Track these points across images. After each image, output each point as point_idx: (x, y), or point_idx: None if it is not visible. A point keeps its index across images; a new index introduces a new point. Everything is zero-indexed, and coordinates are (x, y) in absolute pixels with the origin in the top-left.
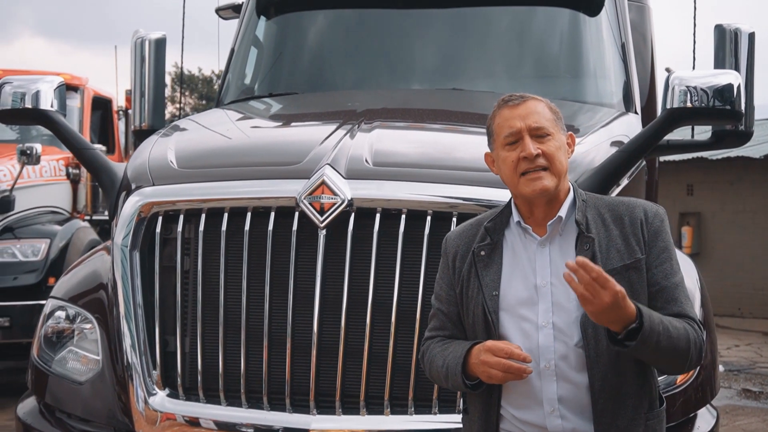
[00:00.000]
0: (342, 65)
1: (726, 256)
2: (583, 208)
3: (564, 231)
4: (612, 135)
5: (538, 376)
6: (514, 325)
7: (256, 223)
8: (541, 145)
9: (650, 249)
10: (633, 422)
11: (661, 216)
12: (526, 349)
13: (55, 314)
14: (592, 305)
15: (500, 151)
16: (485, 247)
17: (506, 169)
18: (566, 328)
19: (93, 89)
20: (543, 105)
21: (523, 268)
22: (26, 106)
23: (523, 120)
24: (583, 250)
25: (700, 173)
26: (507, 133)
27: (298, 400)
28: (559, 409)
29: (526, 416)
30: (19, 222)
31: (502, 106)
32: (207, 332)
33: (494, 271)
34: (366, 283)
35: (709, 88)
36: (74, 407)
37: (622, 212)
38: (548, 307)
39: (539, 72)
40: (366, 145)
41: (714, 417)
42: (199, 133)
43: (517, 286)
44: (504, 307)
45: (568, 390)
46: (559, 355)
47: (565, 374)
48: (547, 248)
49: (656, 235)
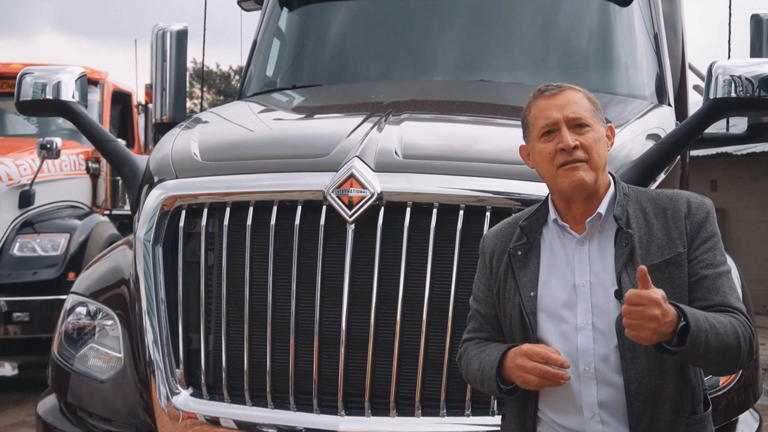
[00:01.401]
0: (366, 56)
1: (751, 253)
2: (623, 202)
3: (604, 228)
4: (647, 127)
5: (577, 379)
6: (552, 327)
7: (282, 217)
8: (579, 136)
9: (692, 241)
10: (672, 427)
11: (706, 207)
12: (565, 352)
13: (76, 310)
14: (640, 329)
15: (536, 143)
16: (521, 247)
17: (542, 161)
18: (606, 330)
19: (113, 83)
20: (581, 95)
21: (561, 267)
22: (47, 97)
23: (561, 110)
24: (621, 246)
25: (724, 169)
26: (543, 124)
27: (326, 401)
28: (599, 414)
29: (565, 421)
30: (39, 216)
31: (538, 96)
32: (231, 329)
33: (531, 271)
34: (396, 279)
35: (754, 78)
36: (95, 406)
37: (666, 204)
38: (587, 308)
39: (568, 63)
40: (395, 137)
41: (757, 421)
42: (222, 125)
43: (555, 287)
44: (542, 309)
45: (608, 394)
46: (599, 357)
47: (605, 377)
48: (586, 246)
49: (700, 227)
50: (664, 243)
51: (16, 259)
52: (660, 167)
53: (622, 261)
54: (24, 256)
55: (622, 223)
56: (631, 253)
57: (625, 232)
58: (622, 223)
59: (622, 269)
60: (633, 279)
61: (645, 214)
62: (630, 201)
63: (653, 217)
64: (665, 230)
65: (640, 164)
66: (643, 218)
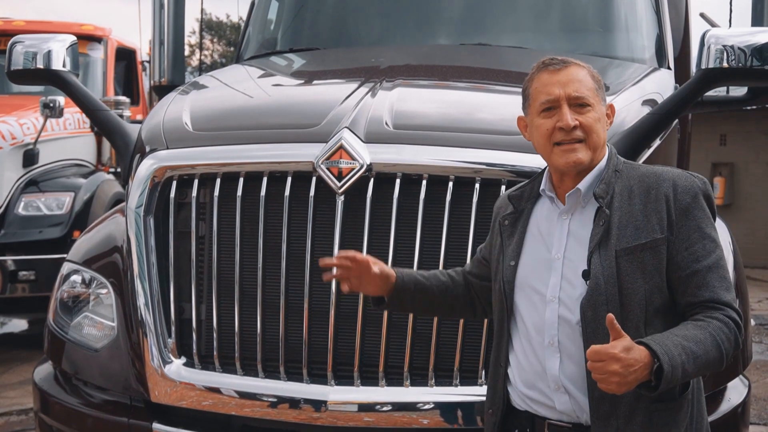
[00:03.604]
0: (365, 19)
1: (758, 207)
2: (609, 179)
3: (587, 203)
4: (644, 93)
5: (543, 351)
6: (525, 298)
7: (272, 187)
8: (579, 116)
9: (679, 229)
10: (635, 411)
11: (694, 190)
12: (535, 324)
13: (71, 278)
14: (605, 382)
15: (535, 117)
16: (509, 216)
17: (540, 137)
18: (571, 305)
19: (117, 40)
20: (585, 72)
21: (543, 238)
22: (38, 66)
23: (563, 87)
24: (598, 225)
25: (733, 123)
26: (544, 99)
27: (316, 370)
28: (563, 386)
29: (531, 393)
30: (44, 175)
31: (541, 69)
32: (222, 299)
33: (515, 241)
34: (385, 251)
35: (746, 47)
36: (90, 375)
37: (650, 184)
38: (557, 281)
39: (568, 25)
40: (386, 106)
41: (746, 387)
42: (217, 92)
43: (533, 257)
44: (520, 279)
45: (572, 368)
46: (563, 331)
47: (569, 351)
48: (567, 220)
49: (686, 212)
50: (642, 225)
51: (21, 219)
52: (652, 136)
53: (595, 241)
54: (29, 215)
55: (602, 201)
56: (606, 233)
57: (602, 211)
58: (603, 201)
59: (594, 249)
60: (603, 260)
61: (630, 192)
62: (621, 178)
63: (637, 196)
64: (645, 212)
65: (631, 135)
66: (628, 197)
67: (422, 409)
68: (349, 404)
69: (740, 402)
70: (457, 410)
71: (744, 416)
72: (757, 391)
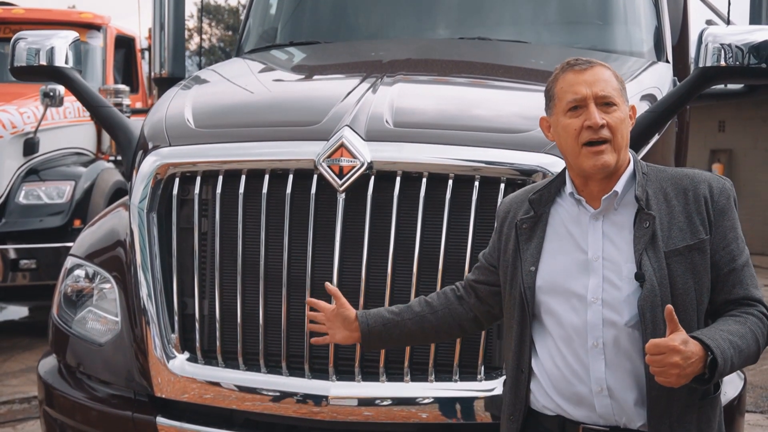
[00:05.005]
0: (365, 10)
1: (757, 194)
2: (643, 182)
3: (620, 206)
4: (642, 88)
5: (586, 354)
6: (560, 301)
7: (274, 185)
8: (606, 115)
9: (716, 229)
10: (687, 408)
11: (727, 192)
12: (575, 326)
13: (75, 272)
14: (665, 375)
15: (560, 117)
16: (528, 220)
17: (567, 137)
18: (617, 306)
19: (116, 28)
20: (610, 73)
21: (574, 241)
22: (41, 62)
23: (590, 87)
24: (642, 227)
25: (731, 109)
26: (571, 98)
27: (317, 365)
28: (607, 389)
29: (566, 397)
30: (44, 164)
31: (566, 69)
32: (224, 295)
33: (534, 245)
34: (386, 248)
35: (744, 46)
36: (94, 369)
37: (686, 186)
38: (599, 282)
39: (566, 18)
40: (387, 102)
41: (741, 380)
42: (218, 87)
43: (563, 261)
44: (548, 282)
45: (617, 370)
46: (608, 332)
47: (614, 353)
48: (600, 222)
49: (722, 213)
50: (685, 227)
51: (22, 207)
52: (650, 134)
53: (642, 243)
54: (30, 203)
55: (642, 203)
56: (653, 235)
57: (646, 213)
58: (643, 203)
59: (643, 251)
60: (654, 262)
61: (666, 195)
62: (650, 181)
63: (674, 198)
64: (686, 213)
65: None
66: (664, 199)
67: (422, 403)
68: (350, 399)
69: (736, 395)
70: (456, 405)
71: (740, 407)
72: (754, 379)
